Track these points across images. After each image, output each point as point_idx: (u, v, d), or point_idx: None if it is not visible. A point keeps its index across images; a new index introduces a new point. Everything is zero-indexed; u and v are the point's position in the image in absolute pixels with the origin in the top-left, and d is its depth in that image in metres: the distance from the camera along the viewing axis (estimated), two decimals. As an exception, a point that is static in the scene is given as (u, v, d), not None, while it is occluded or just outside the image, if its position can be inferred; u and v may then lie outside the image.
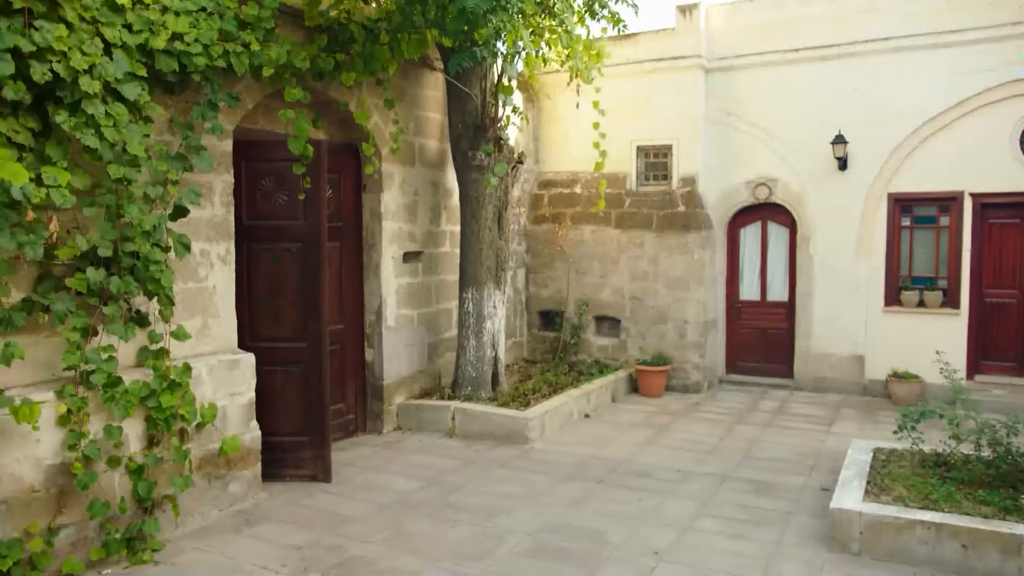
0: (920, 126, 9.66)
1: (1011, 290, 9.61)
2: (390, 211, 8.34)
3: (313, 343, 6.61)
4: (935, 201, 9.83)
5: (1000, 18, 9.12)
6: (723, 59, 10.64)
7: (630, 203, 10.84)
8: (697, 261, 10.38)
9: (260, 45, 6.09)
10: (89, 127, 4.85)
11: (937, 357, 7.35)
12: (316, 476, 6.70)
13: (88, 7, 4.90)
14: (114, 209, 5.14)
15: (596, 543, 5.50)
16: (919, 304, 9.90)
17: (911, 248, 10.05)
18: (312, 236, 6.56)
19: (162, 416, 5.42)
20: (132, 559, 5.19)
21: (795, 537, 5.60)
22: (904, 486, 5.78)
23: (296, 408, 6.62)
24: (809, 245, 10.40)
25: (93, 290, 5.04)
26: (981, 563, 4.94)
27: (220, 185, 6.29)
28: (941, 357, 7.31)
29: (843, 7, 10.00)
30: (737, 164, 10.70)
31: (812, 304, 10.42)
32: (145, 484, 5.32)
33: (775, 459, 7.52)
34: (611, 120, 10.63)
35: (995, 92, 9.26)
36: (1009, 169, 9.29)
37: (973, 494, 5.52)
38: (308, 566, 5.13)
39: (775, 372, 10.85)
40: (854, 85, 9.95)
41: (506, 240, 8.82)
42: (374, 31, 7.21)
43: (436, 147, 9.03)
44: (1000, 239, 9.61)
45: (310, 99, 6.89)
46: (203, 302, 6.16)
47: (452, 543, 5.51)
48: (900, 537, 5.17)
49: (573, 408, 8.88)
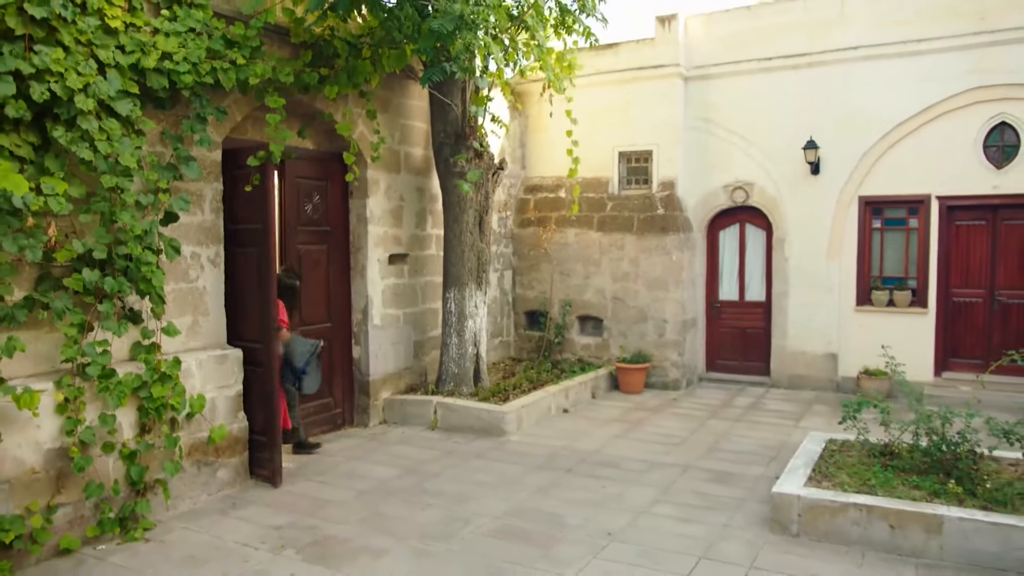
0: (889, 131, 10.03)
1: (977, 290, 9.96)
2: (375, 216, 8.78)
3: (265, 345, 6.81)
4: (904, 204, 10.20)
5: (962, 28, 9.49)
6: (701, 67, 11.04)
7: (612, 206, 11.25)
8: (675, 262, 10.77)
9: (246, 61, 6.55)
10: (84, 141, 5.32)
11: (883, 352, 7.68)
12: (271, 478, 6.82)
13: (83, 31, 5.36)
14: (108, 215, 5.59)
15: (555, 526, 5.91)
16: (889, 304, 10.27)
17: (881, 249, 10.42)
18: (263, 239, 6.70)
19: (153, 406, 5.88)
20: (124, 537, 5.64)
21: (742, 521, 5.99)
22: (847, 473, 6.16)
23: (258, 409, 6.89)
24: (784, 247, 10.78)
25: (89, 289, 5.51)
26: (907, 541, 5.32)
27: (210, 192, 6.74)
28: (887, 352, 7.64)
29: (815, 17, 10.38)
30: (715, 169, 11.09)
31: (787, 304, 10.79)
32: (137, 468, 5.77)
33: (739, 451, 7.91)
34: (594, 126, 11.12)
35: (959, 99, 9.62)
36: (974, 173, 9.65)
37: (909, 480, 5.89)
38: (285, 543, 5.56)
39: (753, 370, 11.23)
40: (826, 92, 10.34)
41: (487, 243, 9.23)
42: (357, 46, 7.66)
43: (421, 154, 9.47)
44: (966, 241, 9.97)
45: (298, 110, 7.33)
46: (194, 301, 6.61)
47: (422, 525, 5.93)
48: (835, 519, 5.55)
49: (551, 403, 9.29)
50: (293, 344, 7.41)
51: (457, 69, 7.06)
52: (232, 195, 6.88)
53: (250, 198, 6.75)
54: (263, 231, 6.60)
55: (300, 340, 7.50)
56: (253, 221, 6.71)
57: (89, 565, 5.24)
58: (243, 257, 6.87)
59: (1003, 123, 9.48)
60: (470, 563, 5.24)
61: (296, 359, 7.39)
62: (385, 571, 5.13)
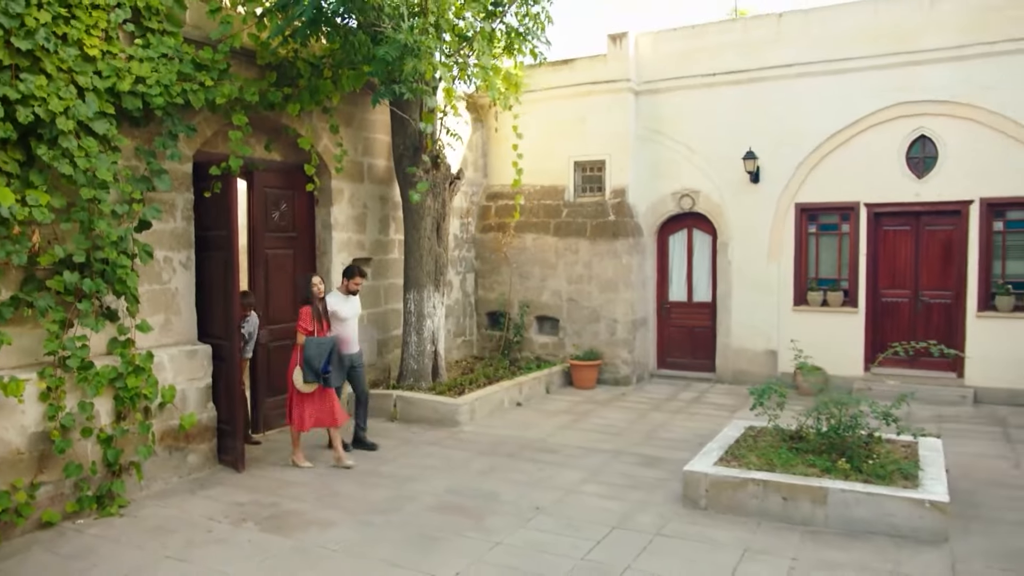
0: (821, 143, 10.78)
1: (903, 290, 10.71)
2: (339, 222, 9.44)
3: (229, 342, 7.43)
4: (836, 210, 10.94)
5: (884, 49, 10.25)
6: (650, 82, 11.76)
7: (567, 213, 11.96)
8: (625, 265, 11.48)
9: (214, 83, 7.21)
10: (65, 158, 5.98)
11: (792, 345, 8.39)
12: (235, 464, 7.43)
13: (64, 60, 6.02)
14: (87, 223, 6.24)
15: (491, 501, 6.59)
16: (823, 304, 11.01)
17: (817, 253, 11.16)
18: (228, 245, 7.29)
19: (128, 395, 6.52)
20: (101, 512, 6.27)
21: (659, 498, 6.67)
22: (756, 455, 6.86)
23: (224, 400, 7.52)
24: (728, 251, 11.50)
25: (69, 290, 6.15)
26: (797, 512, 6.02)
27: (181, 202, 7.39)
28: (795, 345, 8.35)
29: (753, 37, 11.13)
30: (664, 177, 11.81)
31: (731, 304, 11.52)
32: (113, 451, 6.41)
33: (673, 439, 8.60)
34: (552, 137, 11.86)
35: (883, 113, 10.38)
36: (898, 182, 10.41)
37: (808, 459, 6.60)
38: (246, 517, 6.22)
39: (700, 367, 11.95)
40: (764, 106, 11.07)
41: (445, 248, 9.91)
42: (318, 67, 8.33)
43: (384, 165, 10.14)
44: (893, 245, 10.72)
45: (266, 125, 7.95)
46: (166, 301, 7.26)
47: (371, 501, 6.60)
48: (736, 493, 6.25)
49: (504, 397, 9.97)
50: (308, 347, 7.45)
51: (406, 91, 7.74)
52: (202, 204, 7.53)
53: (217, 207, 7.40)
54: (228, 237, 7.25)
55: (314, 342, 7.51)
56: (219, 228, 7.36)
57: (69, 536, 5.87)
58: (211, 261, 7.51)
59: (923, 136, 10.24)
60: (408, 532, 5.91)
61: (315, 361, 7.42)
62: (333, 539, 5.79)
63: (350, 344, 8.15)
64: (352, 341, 8.19)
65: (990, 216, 10.00)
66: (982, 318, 10.05)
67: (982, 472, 7.24)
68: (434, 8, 7.75)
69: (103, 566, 5.34)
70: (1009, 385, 9.84)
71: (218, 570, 5.22)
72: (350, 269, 8.19)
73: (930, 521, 5.63)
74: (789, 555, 5.42)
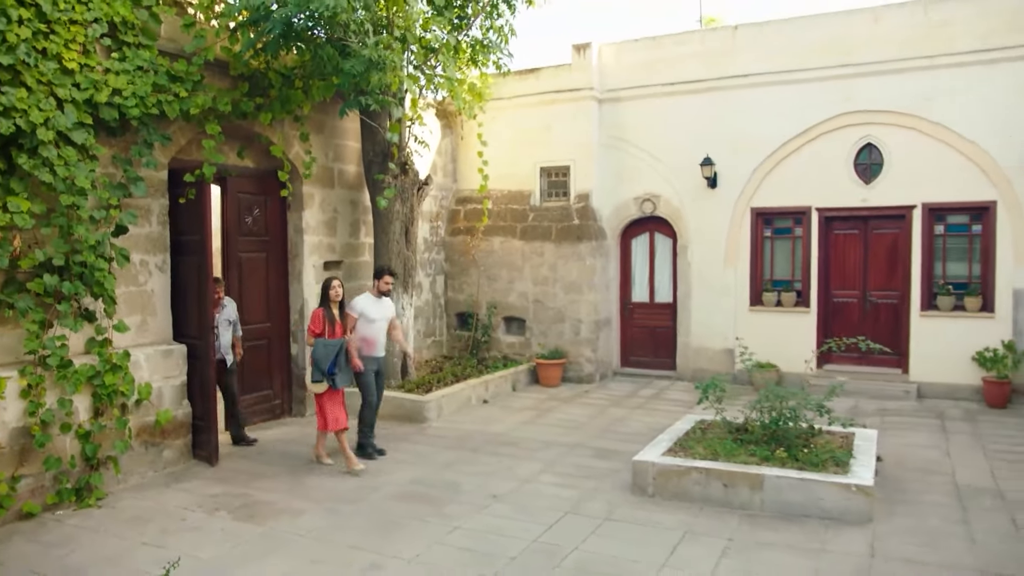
0: (775, 150, 11.27)
1: (853, 291, 11.23)
2: (311, 226, 9.79)
3: (203, 341, 7.77)
4: (790, 215, 11.44)
5: (832, 61, 10.77)
6: (613, 91, 12.20)
7: (533, 217, 12.38)
8: (589, 267, 11.92)
9: (188, 94, 7.55)
10: (45, 166, 6.30)
11: (737, 343, 8.85)
12: (209, 458, 7.76)
13: (44, 73, 6.34)
14: (66, 228, 6.55)
15: (452, 491, 6.98)
16: (777, 304, 11.50)
17: (772, 255, 11.66)
18: (201, 249, 7.65)
19: (106, 392, 6.84)
20: (80, 504, 6.59)
21: (611, 486, 7.09)
22: (703, 446, 7.30)
23: (198, 397, 7.85)
24: (687, 253, 11.97)
25: (49, 292, 6.47)
26: (737, 497, 6.46)
27: (157, 207, 7.72)
28: (741, 343, 8.81)
29: (710, 48, 11.61)
30: (626, 183, 12.27)
31: (691, 305, 11.98)
32: (91, 446, 6.72)
33: (629, 433, 9.03)
34: (519, 144, 12.28)
35: (833, 122, 10.89)
36: (846, 188, 10.92)
37: (750, 449, 7.04)
38: (219, 507, 6.56)
39: (662, 365, 12.40)
40: (721, 114, 11.55)
41: (413, 251, 10.28)
42: (290, 77, 8.68)
43: (355, 171, 10.49)
44: (843, 248, 11.24)
45: (239, 133, 8.28)
46: (142, 302, 7.58)
47: (338, 492, 6.96)
48: (681, 481, 6.69)
49: (471, 394, 10.36)
50: (316, 348, 7.57)
51: (372, 102, 8.12)
52: (177, 209, 7.86)
53: (191, 212, 7.73)
54: (201, 242, 7.59)
55: (322, 343, 7.59)
56: (193, 233, 7.70)
57: (49, 526, 6.19)
58: (186, 264, 7.84)
59: (869, 144, 10.76)
60: (373, 519, 6.28)
61: (322, 362, 7.53)
62: (302, 525, 6.15)
63: (378, 347, 8.12)
64: (380, 344, 8.14)
65: (931, 220, 10.54)
66: (925, 317, 10.58)
67: (914, 461, 7.73)
68: (400, 23, 8.14)
69: (83, 552, 5.66)
70: (949, 380, 10.38)
71: (192, 555, 5.56)
72: (379, 270, 8.29)
73: (856, 504, 6.09)
74: (726, 536, 5.86)
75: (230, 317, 8.43)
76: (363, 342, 8.03)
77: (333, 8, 6.85)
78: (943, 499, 6.61)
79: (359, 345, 7.99)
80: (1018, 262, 10.00)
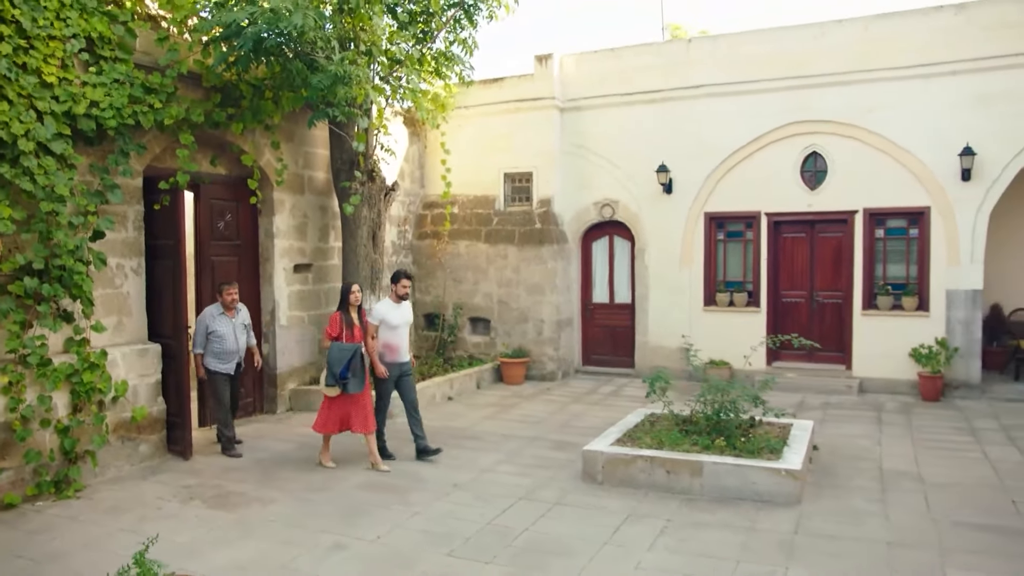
0: (727, 157, 11.85)
1: (800, 291, 11.83)
2: (281, 231, 10.17)
3: (177, 341, 8.16)
4: (741, 219, 12.03)
5: (781, 73, 11.37)
6: (574, 100, 12.72)
7: (497, 221, 12.85)
8: (551, 270, 12.42)
9: (163, 105, 7.93)
10: (26, 175, 6.65)
11: (683, 341, 9.37)
12: (183, 453, 8.13)
13: (24, 87, 6.69)
14: (45, 234, 6.90)
15: (415, 481, 7.42)
16: (730, 304, 12.08)
17: (724, 257, 12.23)
18: (175, 253, 8.02)
19: (83, 389, 7.20)
20: (59, 496, 6.94)
21: (564, 475, 7.57)
22: (650, 437, 7.80)
23: (173, 395, 8.23)
24: (644, 256, 12.51)
25: (29, 294, 6.82)
26: (678, 483, 6.96)
27: (132, 214, 8.07)
28: (687, 339, 9.34)
29: (667, 60, 12.16)
30: (587, 188, 12.79)
31: (648, 306, 12.52)
32: (70, 440, 7.07)
33: (586, 427, 9.51)
34: (484, 151, 12.76)
35: (781, 131, 11.49)
36: (794, 193, 11.52)
37: (693, 439, 7.55)
38: (193, 497, 6.95)
39: (621, 363, 12.93)
40: (677, 123, 12.12)
41: (380, 254, 10.70)
42: (260, 89, 9.07)
43: (323, 177, 10.90)
44: (791, 250, 11.84)
45: (212, 142, 8.64)
46: (119, 304, 7.94)
47: (307, 482, 7.37)
48: (628, 468, 7.18)
49: (436, 392, 10.80)
50: (331, 351, 7.62)
51: (339, 114, 8.55)
52: (152, 215, 8.22)
53: (165, 218, 8.11)
54: (175, 246, 7.97)
55: (337, 346, 7.63)
56: (168, 238, 8.07)
57: (30, 516, 6.53)
58: (160, 268, 8.21)
59: (815, 152, 11.38)
60: (339, 506, 6.70)
61: (335, 365, 7.53)
62: (272, 513, 6.56)
63: (400, 352, 8.05)
64: (403, 349, 8.08)
65: (872, 224, 11.17)
66: (866, 316, 11.21)
67: (848, 449, 8.29)
68: (366, 37, 8.57)
69: (64, 539, 6.03)
70: (888, 375, 11.01)
71: (169, 539, 5.92)
72: (396, 274, 8.14)
73: (786, 487, 6.62)
74: (665, 517, 6.35)
75: (245, 321, 8.58)
76: (386, 348, 7.98)
77: (301, 28, 7.28)
78: (868, 483, 7.17)
79: (381, 351, 7.95)
80: (951, 264, 10.65)
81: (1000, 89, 10.23)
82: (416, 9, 9.60)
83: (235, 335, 8.37)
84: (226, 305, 8.37)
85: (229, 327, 8.33)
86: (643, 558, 5.55)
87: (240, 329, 8.48)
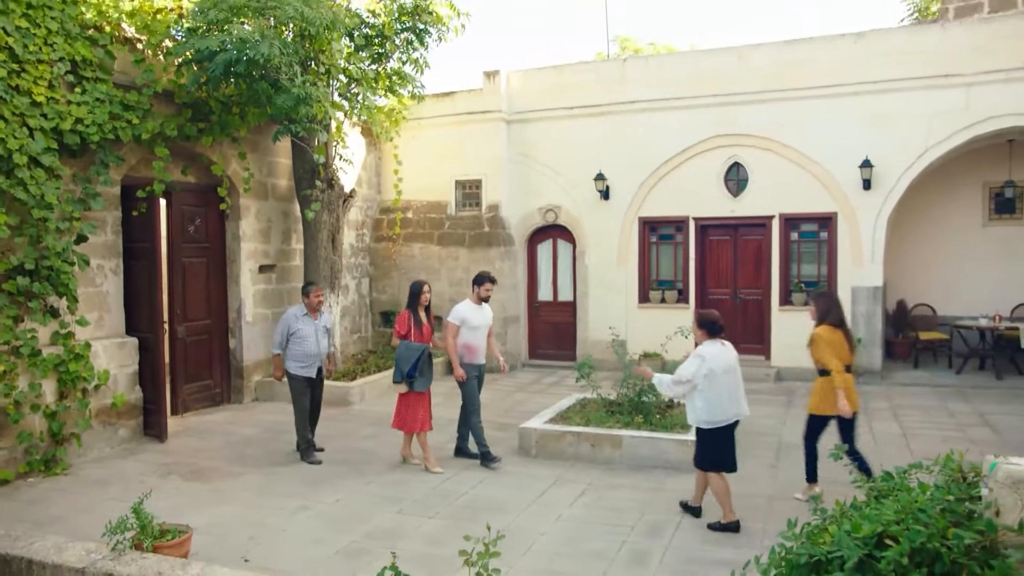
0: (659, 166, 12.95)
1: (725, 289, 12.98)
2: (247, 235, 11.02)
3: (154, 335, 8.99)
4: (672, 223, 13.14)
5: (706, 91, 12.51)
6: (521, 113, 13.73)
7: (449, 225, 13.81)
8: (498, 270, 13.39)
9: (139, 120, 8.75)
10: (19, 185, 7.45)
11: (610, 330, 10.41)
12: (159, 436, 8.97)
13: (18, 107, 7.49)
14: (35, 238, 7.70)
15: (370, 456, 8.35)
16: (662, 301, 13.18)
17: (657, 258, 13.34)
18: (151, 255, 8.87)
19: (69, 378, 8.00)
20: (48, 473, 7.74)
21: (503, 450, 8.51)
22: (580, 416, 8.82)
23: (149, 384, 9.05)
24: (585, 257, 13.57)
25: (21, 291, 7.61)
26: (601, 454, 7.99)
27: (111, 219, 8.88)
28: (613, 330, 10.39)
29: (604, 77, 13.24)
30: (532, 195, 13.80)
31: (588, 303, 13.58)
32: (57, 424, 7.88)
33: (526, 411, 10.49)
34: (437, 159, 13.70)
35: (707, 143, 12.62)
36: (718, 200, 12.67)
37: (617, 418, 8.59)
38: (171, 472, 7.80)
39: (565, 356, 13.96)
40: (614, 135, 13.18)
41: (339, 256, 11.59)
42: (228, 105, 9.92)
43: (286, 184, 11.75)
44: (717, 252, 12.99)
45: (183, 153, 9.47)
46: (100, 301, 8.74)
47: (273, 460, 8.26)
48: (558, 443, 8.19)
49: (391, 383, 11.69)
50: (399, 349, 7.79)
51: (301, 130, 9.46)
52: (129, 220, 9.04)
53: (142, 222, 8.93)
54: (151, 248, 8.80)
55: (405, 345, 7.79)
56: (143, 240, 8.90)
57: (23, 490, 7.33)
58: (137, 268, 9.02)
59: (737, 163, 12.54)
60: (303, 478, 7.62)
61: (403, 363, 7.69)
62: (242, 484, 7.45)
63: (480, 353, 8.11)
64: (482, 351, 8.14)
65: (787, 228, 12.36)
66: (783, 311, 12.39)
67: (757, 427, 9.38)
68: (325, 59, 9.48)
69: (58, 507, 6.85)
70: (801, 365, 12.08)
71: (154, 505, 6.73)
72: (479, 277, 8.10)
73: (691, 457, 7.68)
74: (587, 482, 7.38)
75: (327, 325, 8.55)
76: (465, 349, 8.04)
77: (267, 56, 8.18)
78: (766, 452, 8.30)
79: (461, 352, 8.04)
80: (855, 264, 11.88)
81: (895, 108, 11.47)
82: (371, 33, 10.52)
83: (317, 338, 8.26)
84: (312, 307, 8.30)
85: (311, 329, 8.23)
86: (563, 512, 6.57)
87: (322, 332, 8.38)
